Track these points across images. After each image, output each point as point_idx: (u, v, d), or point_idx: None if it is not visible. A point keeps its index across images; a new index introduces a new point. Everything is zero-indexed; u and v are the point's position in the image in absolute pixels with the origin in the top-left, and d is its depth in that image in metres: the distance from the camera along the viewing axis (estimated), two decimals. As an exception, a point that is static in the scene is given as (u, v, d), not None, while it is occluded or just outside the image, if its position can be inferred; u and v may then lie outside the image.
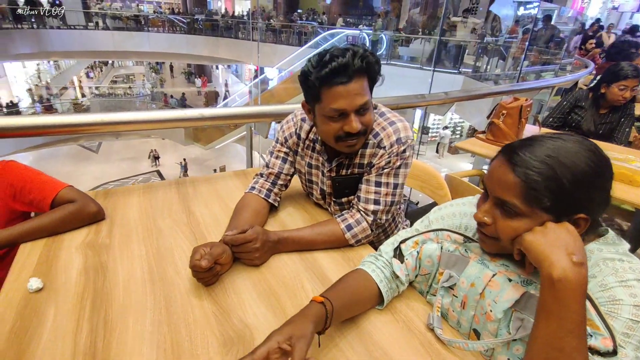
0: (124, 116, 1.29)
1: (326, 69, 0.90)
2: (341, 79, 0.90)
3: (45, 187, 1.07)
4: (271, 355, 0.61)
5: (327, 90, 0.92)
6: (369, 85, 0.96)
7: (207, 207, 1.24)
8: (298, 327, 0.66)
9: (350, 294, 0.80)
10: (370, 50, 0.95)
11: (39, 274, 0.88)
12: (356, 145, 1.01)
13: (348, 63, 0.89)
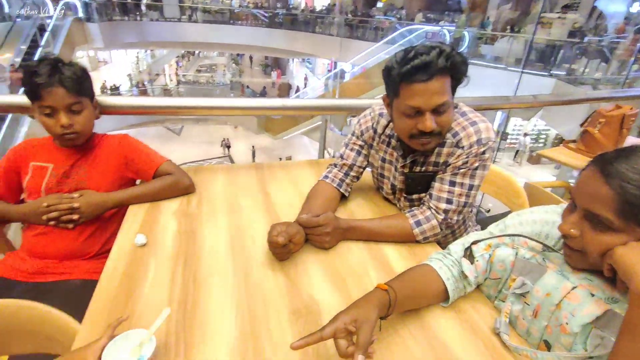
0: (216, 102, 1.43)
1: (408, 65, 0.90)
2: (422, 77, 0.90)
3: (150, 159, 1.24)
4: (338, 334, 0.66)
5: (406, 86, 0.93)
6: (452, 85, 0.95)
7: (281, 191, 1.32)
8: (363, 310, 0.70)
9: (414, 287, 0.81)
10: (457, 50, 0.94)
11: (144, 231, 1.03)
12: (430, 144, 1.00)
13: (431, 61, 0.89)
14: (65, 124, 1.08)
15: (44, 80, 1.04)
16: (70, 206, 1.11)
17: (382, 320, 0.75)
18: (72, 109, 1.10)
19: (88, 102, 1.15)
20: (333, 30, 11.94)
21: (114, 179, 1.22)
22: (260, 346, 0.72)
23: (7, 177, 1.17)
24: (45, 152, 1.19)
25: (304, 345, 0.63)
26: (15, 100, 1.24)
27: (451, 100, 0.96)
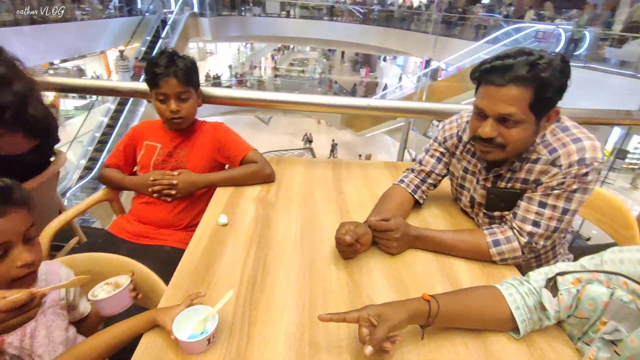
0: (302, 98, 1.50)
1: (489, 64, 0.86)
2: (496, 79, 0.85)
3: (239, 147, 1.36)
4: (361, 322, 0.68)
5: (481, 85, 0.90)
6: (534, 99, 0.84)
7: (356, 190, 1.34)
8: (391, 310, 0.70)
9: (468, 305, 0.77)
10: (559, 62, 0.83)
11: (226, 212, 1.14)
12: (489, 154, 0.94)
13: (512, 66, 0.83)
14: (174, 110, 1.24)
15: (162, 71, 1.20)
16: (170, 182, 1.27)
17: (422, 329, 0.74)
18: (181, 97, 1.25)
19: (193, 92, 1.30)
20: (429, 27, 11.44)
21: (207, 162, 1.36)
22: (315, 337, 0.75)
23: (126, 152, 1.38)
24: (156, 134, 1.38)
25: (329, 320, 0.68)
26: (139, 87, 1.45)
27: (525, 117, 0.85)
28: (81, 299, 0.88)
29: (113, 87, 1.42)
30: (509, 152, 0.92)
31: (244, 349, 0.72)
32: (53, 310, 0.78)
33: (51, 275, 0.80)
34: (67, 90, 1.42)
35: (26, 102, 1.09)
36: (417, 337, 0.75)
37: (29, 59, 4.01)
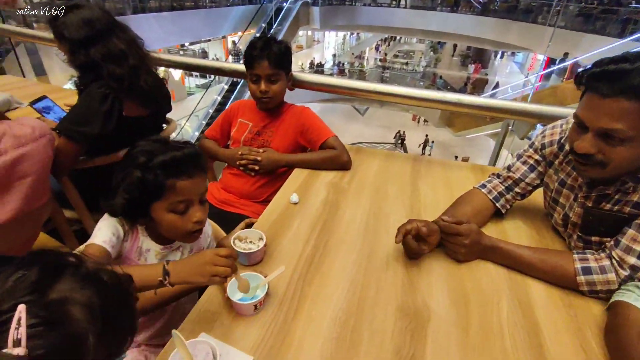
0: (387, 88, 1.47)
1: (599, 68, 0.73)
2: (602, 89, 0.71)
3: (321, 132, 1.40)
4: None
5: (586, 92, 0.76)
6: None
7: (432, 188, 1.28)
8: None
9: None
10: None
11: (299, 192, 1.19)
12: (586, 171, 0.81)
13: (626, 73, 0.68)
14: (263, 90, 1.34)
15: (257, 54, 1.30)
16: (255, 158, 1.38)
17: None
18: (271, 79, 1.34)
19: (284, 75, 1.38)
20: (560, 21, 9.97)
21: (290, 143, 1.44)
22: (360, 326, 0.75)
23: (223, 126, 1.54)
24: (250, 112, 1.50)
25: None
26: (239, 68, 1.60)
27: (636, 134, 0.70)
28: None
29: (219, 67, 1.59)
30: (610, 172, 0.77)
31: (290, 320, 0.76)
32: None
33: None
34: (177, 66, 1.63)
35: (138, 75, 1.29)
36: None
37: (167, 40, 4.65)
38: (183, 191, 0.78)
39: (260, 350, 0.69)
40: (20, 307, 0.36)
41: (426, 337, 0.74)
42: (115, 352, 0.45)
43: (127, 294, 0.49)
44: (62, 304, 0.40)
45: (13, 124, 1.01)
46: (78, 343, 0.39)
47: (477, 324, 0.77)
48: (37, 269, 0.41)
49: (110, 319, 0.42)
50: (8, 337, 0.35)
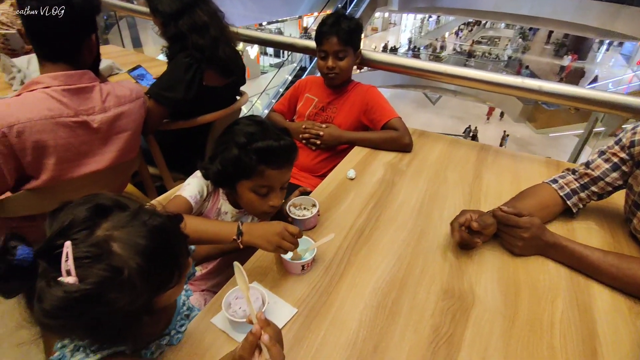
0: (455, 70, 1.40)
1: None
2: None
3: (384, 112, 1.39)
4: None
5: None
6: None
7: (497, 178, 1.21)
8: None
9: None
10: None
11: (356, 169, 1.22)
12: None
13: None
14: (330, 66, 1.36)
15: (327, 30, 1.32)
16: (318, 133, 1.42)
17: None
18: (338, 55, 1.36)
19: (352, 52, 1.38)
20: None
21: (352, 121, 1.46)
22: (401, 299, 0.77)
23: (290, 101, 1.60)
24: (317, 88, 1.54)
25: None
26: (310, 44, 1.63)
27: None
28: None
29: (291, 43, 1.64)
30: None
31: (335, 284, 0.80)
32: None
33: None
34: (253, 41, 1.71)
35: (217, 45, 1.39)
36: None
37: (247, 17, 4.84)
38: (269, 178, 0.84)
39: (304, 305, 0.75)
40: (67, 243, 0.43)
41: (467, 320, 0.73)
42: (162, 285, 0.50)
43: (172, 233, 0.52)
44: (105, 241, 0.45)
45: (116, 86, 1.17)
46: (120, 275, 0.44)
47: (525, 316, 0.74)
48: (87, 208, 0.48)
49: (152, 255, 0.47)
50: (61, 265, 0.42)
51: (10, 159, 0.96)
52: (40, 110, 0.98)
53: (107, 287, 0.44)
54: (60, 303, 0.42)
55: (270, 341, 0.46)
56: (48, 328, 0.45)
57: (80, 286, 0.42)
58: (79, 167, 1.11)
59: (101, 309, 0.44)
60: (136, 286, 0.45)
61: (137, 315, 0.49)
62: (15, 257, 0.42)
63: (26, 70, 1.58)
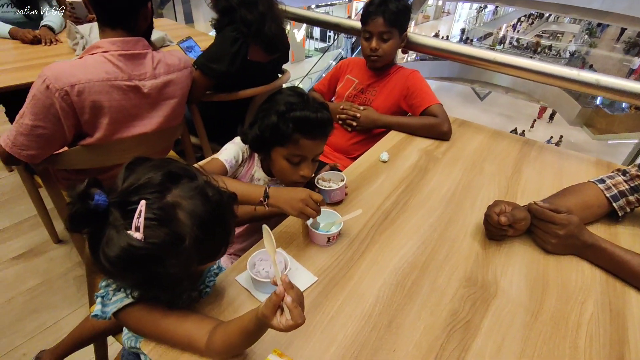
0: (514, 60, 1.33)
1: None
2: None
3: (425, 97, 1.36)
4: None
5: None
6: None
7: (537, 174, 1.16)
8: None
9: None
10: None
11: (390, 152, 1.21)
12: None
13: None
14: (373, 48, 1.34)
15: (373, 10, 1.30)
16: (354, 114, 1.42)
17: None
18: (383, 37, 1.33)
19: (397, 34, 1.35)
20: None
21: (391, 105, 1.44)
22: (421, 281, 0.77)
23: (331, 81, 1.60)
24: (358, 70, 1.53)
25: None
26: (356, 25, 1.61)
27: None
28: None
29: (337, 22, 1.63)
30: None
31: (357, 258, 0.81)
32: None
33: None
34: (300, 20, 1.72)
35: (264, 21, 1.41)
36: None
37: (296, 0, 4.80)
38: (303, 148, 0.87)
39: (325, 275, 0.77)
40: (142, 202, 0.47)
41: (487, 310, 0.72)
42: (209, 257, 0.54)
43: (228, 211, 0.55)
44: (173, 207, 0.49)
45: (167, 55, 1.23)
46: (179, 242, 0.48)
47: (550, 313, 0.72)
48: (162, 173, 0.51)
49: (209, 229, 0.51)
50: (132, 223, 0.46)
51: (70, 116, 1.05)
52: (99, 72, 1.06)
53: (166, 250, 0.47)
54: (122, 253, 0.46)
55: (292, 303, 0.48)
56: (105, 271, 0.50)
57: (143, 244, 0.46)
58: (129, 129, 1.18)
59: (155, 270, 0.48)
60: (191, 255, 0.49)
61: (184, 279, 0.53)
62: (93, 202, 0.46)
63: (88, 37, 1.70)
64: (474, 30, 20.98)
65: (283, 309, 0.49)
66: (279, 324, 0.48)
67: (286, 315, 0.48)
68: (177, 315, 0.59)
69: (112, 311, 0.58)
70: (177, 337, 0.58)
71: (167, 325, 0.58)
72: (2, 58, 1.72)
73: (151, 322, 0.58)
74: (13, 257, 1.71)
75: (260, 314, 0.50)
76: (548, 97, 14.58)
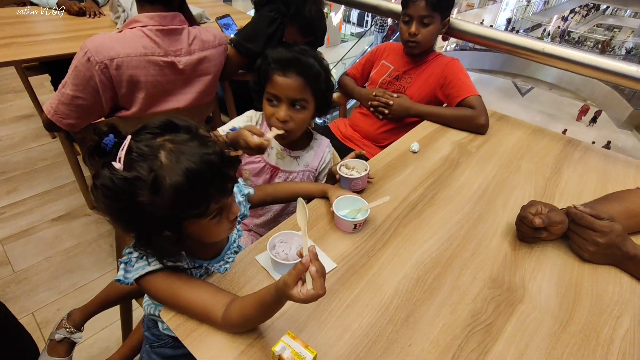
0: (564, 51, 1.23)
1: None
2: None
3: (463, 88, 1.29)
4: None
5: None
6: None
7: (579, 176, 1.09)
8: None
9: None
10: None
11: (421, 143, 1.17)
12: None
13: None
14: (412, 32, 1.29)
15: None
16: (387, 102, 1.37)
17: None
18: (423, 21, 1.27)
19: (438, 19, 1.28)
20: None
21: (426, 94, 1.38)
22: (443, 277, 0.74)
23: (365, 66, 1.56)
24: (394, 56, 1.47)
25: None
26: (394, 7, 1.55)
27: None
28: None
29: (375, 5, 1.57)
30: None
31: (377, 249, 0.80)
32: None
33: None
34: (340, 1, 1.66)
35: (305, 3, 1.38)
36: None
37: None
38: (276, 85, 0.90)
39: (344, 262, 0.76)
40: (128, 137, 0.53)
41: (512, 314, 0.69)
42: (185, 208, 0.52)
43: (218, 172, 0.54)
44: (158, 148, 0.51)
45: (202, 30, 1.23)
46: (155, 179, 0.49)
47: (581, 324, 0.68)
48: (162, 120, 0.55)
49: (189, 178, 0.50)
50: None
51: (108, 89, 1.08)
52: (137, 47, 1.08)
53: (140, 183, 0.49)
54: (106, 182, 0.50)
55: (316, 273, 0.48)
56: (101, 208, 0.53)
57: (121, 172, 0.50)
58: (163, 104, 1.21)
59: (132, 201, 0.50)
60: (164, 196, 0.50)
61: (164, 225, 0.53)
62: (103, 141, 0.53)
63: (129, 11, 1.73)
64: (522, 20, 19.80)
65: (304, 281, 0.49)
66: (299, 293, 0.48)
67: (308, 285, 0.48)
68: (195, 285, 0.61)
69: (133, 277, 0.60)
70: (194, 307, 0.59)
71: (185, 294, 0.59)
72: (50, 28, 1.79)
73: (170, 290, 0.60)
74: (53, 218, 1.82)
75: (281, 282, 0.50)
76: (596, 97, 13.66)
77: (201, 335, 0.60)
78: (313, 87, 0.91)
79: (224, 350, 0.58)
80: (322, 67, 0.93)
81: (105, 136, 0.54)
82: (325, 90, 0.95)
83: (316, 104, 0.95)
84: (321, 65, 0.93)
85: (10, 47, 1.49)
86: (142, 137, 0.53)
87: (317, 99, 0.94)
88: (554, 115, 13.45)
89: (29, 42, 1.56)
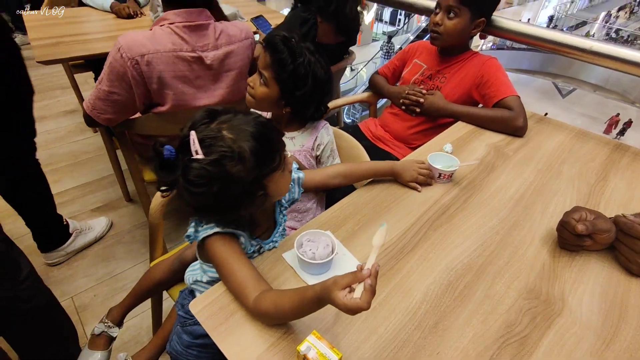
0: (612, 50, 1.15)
1: None
2: None
3: (501, 88, 1.24)
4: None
5: None
6: None
7: (627, 184, 1.01)
8: None
9: None
10: None
11: (454, 145, 1.12)
12: None
13: None
14: (435, 22, 1.24)
15: None
16: (418, 99, 1.34)
17: None
18: (449, 11, 1.22)
19: (467, 14, 1.22)
20: None
21: (461, 94, 1.33)
22: (475, 285, 0.71)
23: (396, 65, 1.53)
24: (427, 54, 1.43)
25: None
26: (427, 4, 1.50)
27: None
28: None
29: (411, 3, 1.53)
30: None
31: (406, 253, 0.78)
32: None
33: None
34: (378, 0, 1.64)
35: (346, 2, 1.37)
36: None
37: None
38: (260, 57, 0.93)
39: (371, 264, 0.74)
40: (192, 132, 0.57)
41: (549, 328, 0.65)
42: (265, 163, 0.60)
43: (270, 129, 0.63)
44: (218, 129, 0.58)
45: (229, 25, 1.25)
46: (232, 151, 0.57)
47: (627, 344, 0.63)
48: (203, 111, 0.62)
49: (256, 139, 0.58)
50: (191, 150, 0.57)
51: (140, 85, 1.12)
52: (166, 43, 1.11)
53: (226, 158, 0.56)
54: (198, 172, 0.55)
55: (370, 287, 0.48)
56: (191, 199, 0.59)
57: (207, 157, 0.56)
58: (195, 100, 1.24)
59: (226, 177, 0.57)
60: (249, 160, 0.57)
61: (252, 191, 0.61)
62: (164, 155, 0.58)
63: (168, 11, 1.79)
64: (565, 18, 18.79)
65: (353, 290, 0.49)
66: (344, 298, 0.48)
67: (356, 294, 0.48)
68: (245, 262, 0.64)
69: (202, 235, 0.64)
70: (236, 279, 0.62)
71: (234, 264, 0.63)
72: (94, 28, 1.89)
73: (225, 255, 0.64)
74: (92, 209, 1.92)
75: (331, 280, 0.50)
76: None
77: (228, 329, 0.60)
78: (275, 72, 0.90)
79: (249, 345, 0.58)
80: (293, 60, 0.89)
81: (160, 154, 0.58)
82: (291, 82, 0.91)
83: (280, 91, 0.92)
84: (293, 58, 0.88)
85: (58, 46, 1.58)
86: (199, 129, 0.59)
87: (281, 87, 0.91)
88: (597, 119, 12.67)
89: (76, 41, 1.65)
